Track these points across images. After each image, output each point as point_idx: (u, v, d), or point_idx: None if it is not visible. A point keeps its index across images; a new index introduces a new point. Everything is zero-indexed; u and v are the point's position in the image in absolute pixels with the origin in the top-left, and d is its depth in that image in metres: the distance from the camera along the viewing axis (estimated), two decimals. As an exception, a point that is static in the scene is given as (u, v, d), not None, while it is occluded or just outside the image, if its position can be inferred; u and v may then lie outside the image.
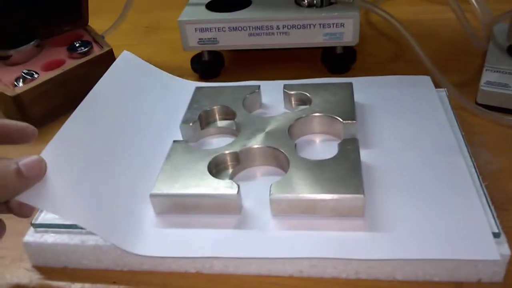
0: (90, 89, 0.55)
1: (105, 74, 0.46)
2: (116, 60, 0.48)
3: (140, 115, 0.45)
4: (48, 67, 0.55)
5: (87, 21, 0.63)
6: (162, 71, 0.53)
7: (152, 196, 0.35)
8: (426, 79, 0.49)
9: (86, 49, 0.56)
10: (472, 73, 0.56)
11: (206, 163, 0.37)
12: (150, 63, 0.64)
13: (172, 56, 0.65)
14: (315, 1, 0.53)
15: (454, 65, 0.57)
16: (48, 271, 0.36)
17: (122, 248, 0.33)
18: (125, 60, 0.48)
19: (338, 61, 0.56)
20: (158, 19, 0.77)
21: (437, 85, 0.49)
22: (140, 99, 0.46)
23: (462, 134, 0.42)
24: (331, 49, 0.56)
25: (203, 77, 0.59)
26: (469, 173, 0.37)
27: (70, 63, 0.55)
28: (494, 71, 0.50)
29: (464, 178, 0.36)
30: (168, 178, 0.36)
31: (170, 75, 0.52)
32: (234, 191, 0.34)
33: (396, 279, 0.33)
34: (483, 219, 0.33)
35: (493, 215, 0.34)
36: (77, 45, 0.57)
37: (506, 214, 0.37)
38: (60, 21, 0.62)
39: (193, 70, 0.59)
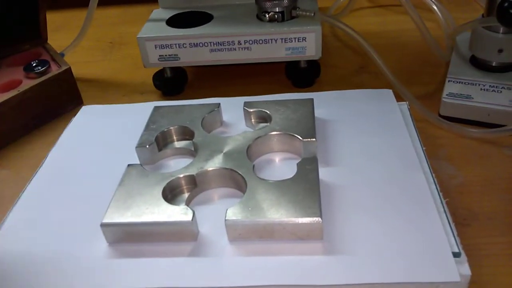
0: (49, 109, 0.54)
1: (65, 130, 0.48)
2: (76, 115, 0.50)
3: (104, 150, 0.45)
4: (4, 88, 0.53)
5: (46, 39, 0.61)
6: (122, 104, 0.52)
7: (103, 225, 0.34)
8: (388, 93, 0.48)
9: (43, 69, 0.54)
10: (436, 85, 0.56)
11: (160, 188, 0.36)
12: (112, 80, 0.63)
13: (134, 73, 0.64)
14: (276, 16, 0.53)
15: (417, 77, 0.57)
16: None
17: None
18: (84, 114, 0.50)
19: (302, 75, 0.56)
20: (122, 34, 0.76)
21: (400, 98, 0.48)
22: (103, 139, 0.46)
23: (423, 149, 0.41)
24: (295, 63, 0.55)
25: (166, 94, 0.58)
26: (429, 190, 0.36)
27: (27, 84, 0.53)
28: (457, 82, 0.50)
29: (425, 195, 0.36)
30: (120, 205, 0.35)
31: (130, 104, 0.51)
32: (188, 217, 0.33)
33: (356, 303, 0.32)
34: (443, 238, 0.32)
35: (453, 234, 0.33)
36: (33, 64, 0.55)
37: (468, 231, 0.37)
38: (18, 40, 0.60)
39: (156, 87, 0.58)
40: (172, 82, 0.57)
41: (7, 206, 0.41)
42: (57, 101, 0.55)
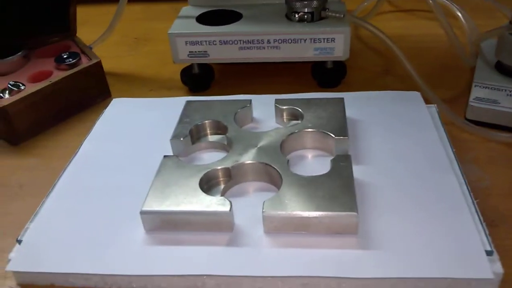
0: (78, 101, 0.55)
1: (98, 121, 0.50)
2: (107, 108, 0.51)
3: (137, 143, 0.45)
4: (35, 79, 0.54)
5: (75, 32, 0.62)
6: (152, 98, 0.53)
7: (143, 213, 0.35)
8: (416, 95, 0.49)
9: (74, 61, 0.55)
10: (461, 89, 0.56)
11: (197, 179, 0.37)
12: (139, 75, 0.64)
13: (161, 68, 0.65)
14: (305, 16, 0.53)
15: (442, 81, 0.58)
16: (33, 289, 0.35)
17: (111, 273, 0.33)
18: (115, 106, 0.52)
19: (328, 75, 0.56)
20: (147, 30, 0.77)
21: (426, 101, 0.49)
22: (135, 132, 0.47)
23: (453, 151, 0.42)
24: (322, 64, 0.56)
25: (193, 90, 0.59)
26: (461, 191, 0.37)
27: (58, 75, 0.54)
28: (483, 87, 0.50)
29: (456, 195, 0.36)
30: (158, 194, 0.36)
31: (160, 99, 0.52)
32: (226, 208, 0.34)
33: (389, 297, 0.32)
34: (475, 237, 0.33)
35: (485, 233, 0.34)
36: (64, 56, 0.56)
37: (497, 231, 0.37)
38: (48, 32, 0.61)
39: (183, 82, 0.59)
40: (200, 78, 0.58)
41: (39, 194, 0.42)
42: (86, 93, 0.56)
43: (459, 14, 0.65)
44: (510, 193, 0.41)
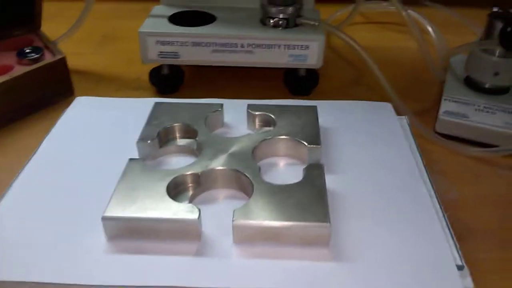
0: (39, 98, 0.53)
1: (59, 120, 0.47)
2: (69, 106, 0.49)
3: (99, 144, 0.43)
4: (-6, 73, 0.51)
5: (40, 26, 0.60)
6: (118, 98, 0.51)
7: (104, 219, 0.33)
8: (387, 106, 0.49)
9: (37, 56, 0.53)
10: (430, 102, 0.57)
11: (164, 185, 0.35)
12: (105, 74, 0.62)
13: (128, 68, 0.63)
14: (280, 22, 0.53)
15: (412, 93, 0.58)
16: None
17: (69, 283, 0.31)
18: (78, 105, 0.49)
19: (300, 83, 0.56)
20: (115, 28, 0.75)
21: (397, 112, 0.49)
22: (98, 132, 0.45)
23: (423, 162, 0.42)
24: (294, 71, 0.55)
25: (161, 92, 0.57)
26: (432, 204, 0.37)
27: (19, 70, 0.51)
28: (453, 101, 0.51)
29: (427, 207, 0.36)
30: (122, 199, 0.34)
31: (127, 99, 0.50)
32: (194, 216, 0.33)
33: (359, 310, 0.32)
34: (447, 251, 0.33)
35: (456, 247, 0.34)
36: (27, 51, 0.53)
37: (465, 245, 0.37)
38: (11, 24, 0.58)
39: (151, 83, 0.57)
40: (169, 80, 0.56)
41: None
42: (48, 90, 0.53)
43: (430, 29, 0.66)
44: (477, 207, 0.42)
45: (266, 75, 0.59)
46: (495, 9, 0.52)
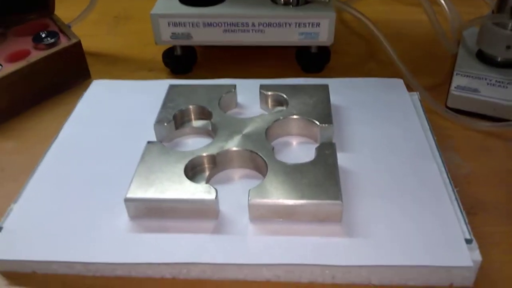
0: (56, 82, 0.54)
1: (78, 103, 0.49)
2: (87, 90, 0.50)
3: (119, 127, 0.45)
4: (12, 58, 0.52)
5: (54, 10, 0.60)
6: (133, 81, 0.52)
7: (127, 200, 0.34)
8: (399, 82, 0.49)
9: (52, 40, 0.54)
10: (442, 76, 0.57)
11: (182, 166, 0.37)
12: (119, 56, 0.63)
13: (142, 49, 0.64)
14: (291, 0, 0.53)
15: (424, 68, 0.58)
16: (15, 277, 0.35)
17: (94, 261, 0.32)
18: (95, 88, 0.50)
19: (312, 60, 0.56)
20: (127, 9, 0.75)
21: (408, 88, 0.50)
22: (116, 115, 0.46)
23: (434, 139, 0.42)
24: (306, 49, 0.56)
25: (175, 72, 0.58)
26: (441, 179, 0.38)
27: (36, 55, 0.52)
28: (464, 76, 0.51)
29: (437, 184, 0.37)
30: (143, 181, 0.35)
31: (142, 81, 0.51)
32: (212, 196, 0.34)
33: (371, 283, 0.33)
34: (456, 225, 0.34)
35: (465, 222, 0.35)
36: (43, 35, 0.54)
37: (475, 219, 0.38)
38: (25, 9, 0.59)
39: (165, 64, 0.58)
40: (182, 60, 0.57)
41: (19, 179, 0.41)
42: (65, 73, 0.55)
43: (442, 1, 0.65)
44: (488, 181, 0.42)
45: (278, 53, 0.60)
46: (508, -19, 0.51)
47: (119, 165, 0.39)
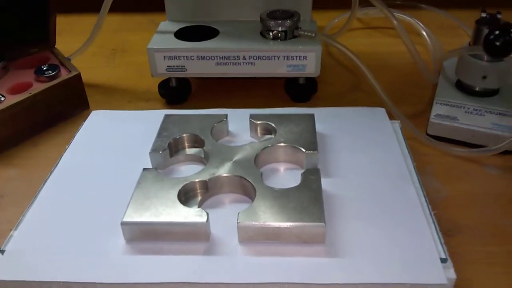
0: (57, 112, 0.57)
1: (78, 133, 0.51)
2: (87, 119, 0.53)
3: (116, 155, 0.47)
4: (15, 90, 0.55)
5: (54, 43, 0.64)
6: (130, 111, 0.55)
7: (123, 224, 0.37)
8: (381, 111, 0.52)
9: (53, 73, 0.57)
10: (423, 105, 0.60)
11: (175, 191, 0.39)
12: (117, 87, 0.66)
13: (138, 80, 0.67)
14: (279, 34, 0.56)
15: (406, 97, 0.62)
16: (16, 298, 0.36)
17: (93, 281, 0.34)
18: (94, 118, 0.53)
19: (300, 91, 0.59)
20: (124, 42, 0.79)
21: (391, 116, 0.52)
22: (114, 144, 0.49)
23: (413, 164, 0.45)
24: (294, 79, 0.59)
25: (170, 103, 0.61)
26: (419, 203, 0.40)
27: (38, 87, 0.55)
28: (444, 104, 0.54)
29: (415, 207, 0.40)
30: (138, 206, 0.38)
31: (139, 111, 0.54)
32: (203, 219, 0.36)
33: (354, 301, 0.35)
34: (432, 246, 0.36)
35: (441, 242, 0.37)
36: (44, 68, 0.57)
37: (452, 240, 0.41)
38: (27, 43, 0.62)
39: (161, 95, 0.61)
40: (177, 91, 0.60)
41: (20, 204, 0.43)
42: (65, 104, 0.58)
43: (424, 33, 0.69)
44: (466, 204, 0.45)
45: (268, 83, 0.63)
46: (483, 15, 0.54)
47: (116, 190, 0.42)
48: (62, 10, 0.78)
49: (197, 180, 0.40)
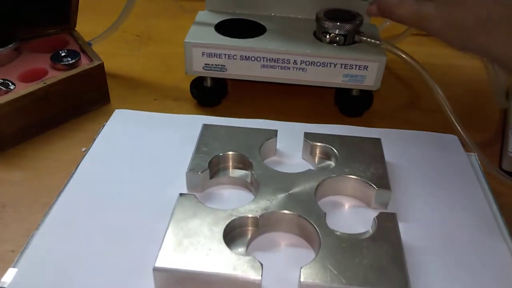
0: (73, 106, 0.49)
1: (98, 136, 0.44)
2: (109, 120, 0.46)
3: (142, 169, 0.40)
4: (27, 77, 0.47)
5: (75, 25, 0.56)
6: (159, 114, 0.47)
7: (156, 270, 0.29)
8: (454, 140, 0.45)
9: (73, 61, 0.49)
10: (490, 132, 0.52)
11: (221, 229, 0.32)
12: (141, 80, 0.58)
13: (165, 74, 0.59)
14: (337, 38, 0.48)
15: (470, 121, 0.54)
16: None
17: None
18: (117, 119, 0.46)
19: (353, 104, 0.52)
20: (150, 27, 0.71)
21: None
22: (140, 153, 0.41)
23: (499, 211, 0.38)
24: (347, 90, 0.51)
25: (202, 104, 0.53)
26: (513, 264, 0.33)
27: (53, 76, 0.47)
28: (522, 136, 0.46)
29: (510, 268, 0.32)
30: (175, 247, 0.30)
31: (169, 115, 0.47)
32: (257, 275, 0.29)
33: None
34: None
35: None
36: (62, 54, 0.50)
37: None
38: (44, 22, 0.54)
39: (192, 95, 0.53)
40: (212, 93, 0.52)
41: (25, 219, 0.36)
42: (84, 98, 0.50)
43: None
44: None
45: (314, 90, 0.55)
46: None
47: (143, 216, 0.34)
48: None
49: (246, 216, 0.33)
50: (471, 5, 0.35)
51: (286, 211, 0.33)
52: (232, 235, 0.33)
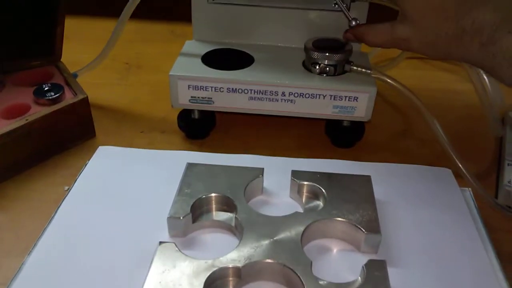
0: (57, 142, 0.48)
1: (80, 176, 0.42)
2: (91, 158, 0.44)
3: (124, 210, 0.38)
4: (9, 113, 0.46)
5: (60, 56, 0.55)
6: (144, 150, 0.46)
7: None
8: (447, 173, 0.43)
9: (56, 95, 0.48)
10: (485, 162, 0.51)
11: (201, 282, 0.30)
12: (128, 111, 0.57)
13: (153, 104, 0.58)
14: (327, 69, 0.47)
15: (464, 150, 0.52)
16: None
17: None
18: (100, 156, 0.45)
19: (344, 135, 0.50)
20: (139, 54, 0.70)
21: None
22: (122, 193, 0.40)
23: (495, 253, 0.36)
24: (338, 121, 0.50)
25: (191, 137, 0.51)
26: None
27: (37, 111, 0.46)
28: (518, 168, 0.45)
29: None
30: (153, 301, 0.29)
31: (155, 151, 0.46)
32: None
33: None
34: None
35: None
36: (45, 88, 0.48)
37: None
38: (28, 54, 0.53)
39: (180, 127, 0.52)
40: (199, 125, 0.51)
41: (2, 265, 0.34)
42: (67, 133, 0.49)
43: (485, 76, 0.60)
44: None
45: (304, 121, 0.54)
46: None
47: (123, 265, 0.33)
48: (71, 11, 0.69)
49: (229, 266, 0.31)
50: (442, 22, 0.36)
51: (270, 260, 0.32)
52: (214, 286, 0.31)
